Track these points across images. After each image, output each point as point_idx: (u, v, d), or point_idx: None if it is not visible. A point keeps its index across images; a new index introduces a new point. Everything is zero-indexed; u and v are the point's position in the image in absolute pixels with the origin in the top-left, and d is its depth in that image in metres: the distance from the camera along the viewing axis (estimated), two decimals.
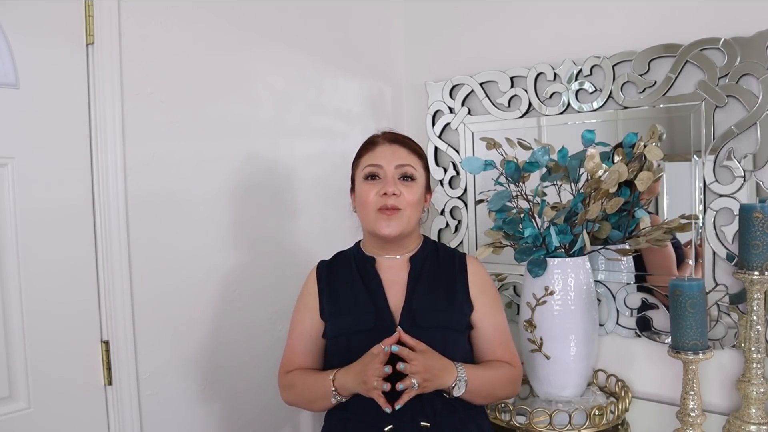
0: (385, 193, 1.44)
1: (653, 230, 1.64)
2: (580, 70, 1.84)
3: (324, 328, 1.51)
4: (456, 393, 1.37)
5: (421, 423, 1.37)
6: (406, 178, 1.47)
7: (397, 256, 1.52)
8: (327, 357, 1.52)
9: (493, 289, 1.55)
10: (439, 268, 1.51)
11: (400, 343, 1.35)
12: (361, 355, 1.38)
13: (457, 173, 2.16)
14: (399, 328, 1.38)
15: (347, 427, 1.44)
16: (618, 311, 1.83)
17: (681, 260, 1.74)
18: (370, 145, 1.52)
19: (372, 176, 1.47)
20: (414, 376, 1.31)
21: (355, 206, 1.54)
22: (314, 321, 1.52)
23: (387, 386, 1.30)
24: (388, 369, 1.31)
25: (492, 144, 1.72)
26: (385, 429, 1.36)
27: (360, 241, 1.59)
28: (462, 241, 2.14)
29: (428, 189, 1.56)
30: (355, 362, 1.38)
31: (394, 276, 1.50)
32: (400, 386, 1.30)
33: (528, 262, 1.68)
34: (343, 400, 1.40)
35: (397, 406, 1.30)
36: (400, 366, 1.32)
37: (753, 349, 1.50)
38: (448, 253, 1.56)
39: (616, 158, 1.62)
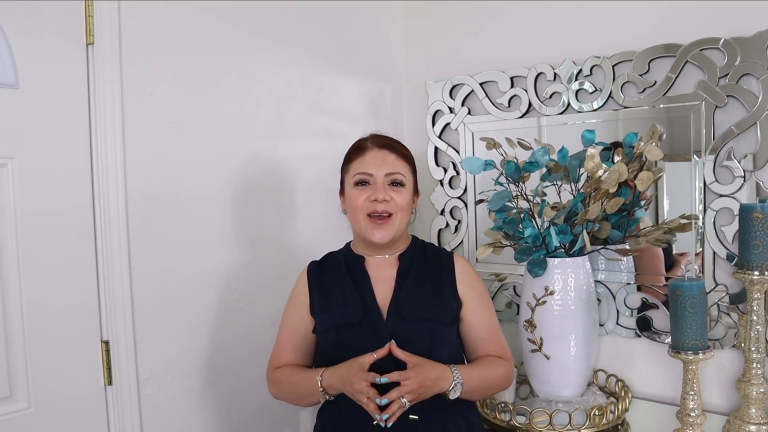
0: (375, 199, 1.47)
1: (653, 230, 1.64)
2: (580, 70, 1.84)
3: (314, 324, 1.54)
4: (452, 396, 1.39)
5: (410, 416, 1.40)
6: (396, 183, 1.50)
7: (386, 256, 1.56)
8: (317, 351, 1.55)
9: (481, 286, 1.58)
10: (426, 266, 1.55)
11: (388, 369, 1.36)
12: (348, 348, 1.43)
13: (457, 173, 2.16)
14: (392, 342, 1.39)
15: (338, 421, 1.47)
16: (618, 311, 1.83)
17: (670, 261, 1.76)
18: (359, 150, 1.53)
19: (362, 183, 1.50)
20: (407, 395, 1.33)
21: (344, 208, 1.57)
22: (304, 318, 1.55)
23: (381, 400, 1.32)
24: (386, 379, 1.33)
25: (492, 144, 1.72)
26: (374, 422, 1.39)
27: (350, 242, 1.62)
28: (462, 241, 2.13)
29: (416, 191, 1.59)
30: (342, 364, 1.41)
31: (382, 273, 1.54)
32: (383, 401, 1.32)
33: (528, 262, 1.68)
34: (331, 398, 1.43)
35: (389, 424, 1.33)
36: (393, 382, 1.34)
37: (753, 349, 1.50)
38: (435, 252, 1.60)
39: (616, 158, 1.62)
